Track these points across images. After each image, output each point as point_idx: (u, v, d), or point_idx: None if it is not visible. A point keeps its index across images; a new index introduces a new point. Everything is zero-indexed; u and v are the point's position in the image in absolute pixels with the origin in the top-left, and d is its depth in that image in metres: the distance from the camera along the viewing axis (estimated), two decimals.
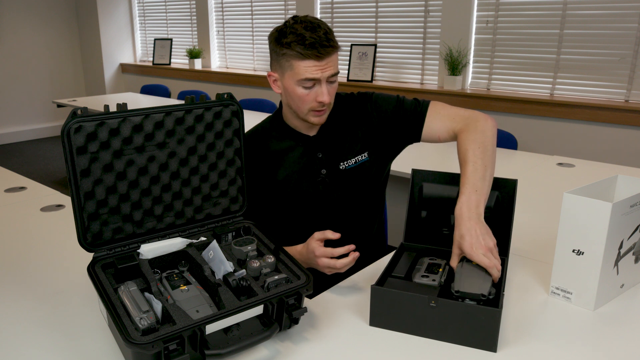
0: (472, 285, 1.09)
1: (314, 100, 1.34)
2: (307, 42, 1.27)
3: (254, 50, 5.21)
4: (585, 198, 1.12)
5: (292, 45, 1.28)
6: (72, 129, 1.03)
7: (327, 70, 1.31)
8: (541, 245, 1.49)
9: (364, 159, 1.48)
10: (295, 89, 1.33)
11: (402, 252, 1.31)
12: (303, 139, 1.46)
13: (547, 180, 2.18)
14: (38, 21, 6.21)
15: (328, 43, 1.29)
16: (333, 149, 1.47)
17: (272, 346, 1.05)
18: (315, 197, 1.47)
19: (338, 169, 1.46)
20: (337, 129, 1.47)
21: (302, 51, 1.27)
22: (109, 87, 6.44)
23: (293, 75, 1.31)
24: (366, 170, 1.49)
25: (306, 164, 1.46)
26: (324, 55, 1.29)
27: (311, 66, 1.29)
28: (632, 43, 3.08)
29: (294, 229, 1.50)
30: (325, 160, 1.46)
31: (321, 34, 1.28)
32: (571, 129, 3.32)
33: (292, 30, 1.29)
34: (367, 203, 1.54)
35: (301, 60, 1.29)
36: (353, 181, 1.48)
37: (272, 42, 1.34)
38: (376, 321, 1.10)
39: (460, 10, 3.69)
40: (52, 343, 1.06)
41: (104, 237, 1.12)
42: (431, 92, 3.84)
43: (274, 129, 1.48)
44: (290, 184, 1.45)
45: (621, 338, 1.07)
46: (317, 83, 1.32)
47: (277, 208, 1.49)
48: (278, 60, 1.33)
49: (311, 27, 1.28)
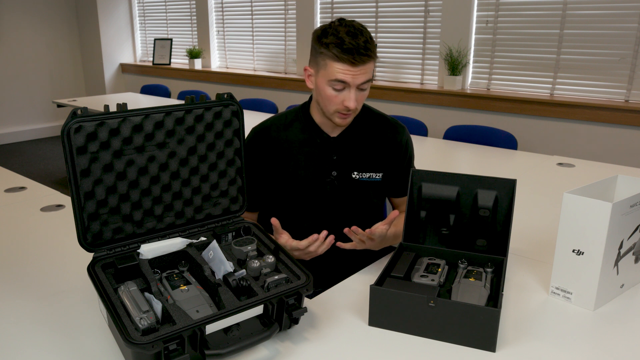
0: (471, 299, 1.10)
1: (341, 103, 1.37)
2: (344, 46, 1.30)
3: (254, 50, 5.21)
4: (585, 198, 1.12)
5: (330, 47, 1.32)
6: (72, 129, 1.03)
7: (359, 77, 1.34)
8: (541, 245, 1.49)
9: (377, 178, 1.52)
10: (325, 88, 1.36)
11: (401, 252, 1.31)
12: (323, 137, 1.49)
13: (547, 180, 2.18)
14: (38, 21, 6.21)
15: (365, 52, 1.31)
16: (349, 156, 1.50)
17: (272, 346, 1.05)
18: (322, 196, 1.49)
19: (350, 176, 1.49)
20: (360, 140, 1.51)
21: (338, 54, 1.31)
22: (109, 87, 6.44)
23: (326, 74, 1.35)
24: (375, 188, 1.54)
25: (319, 162, 1.48)
26: (358, 62, 1.32)
27: (344, 69, 1.32)
28: (632, 43, 3.08)
29: (293, 224, 1.51)
30: (339, 163, 1.49)
31: (361, 41, 1.31)
32: (571, 129, 3.32)
33: (334, 32, 1.32)
34: (369, 213, 1.57)
35: (336, 62, 1.32)
36: (360, 192, 1.51)
37: (314, 39, 1.38)
38: (375, 321, 1.11)
39: (460, 10, 3.69)
40: (52, 343, 1.06)
41: (104, 237, 1.12)
42: (431, 92, 3.84)
43: (298, 120, 1.51)
44: (298, 175, 1.48)
45: (621, 338, 1.07)
46: (347, 87, 1.35)
47: (280, 198, 1.51)
48: (316, 57, 1.37)
49: (353, 32, 1.31)
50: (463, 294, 1.12)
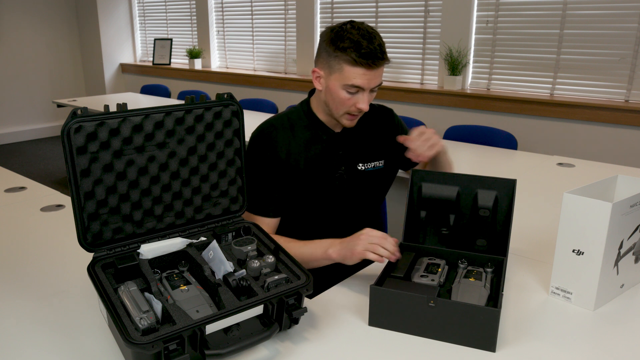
0: (471, 300, 1.10)
1: (354, 105, 1.38)
2: (362, 50, 1.30)
3: (254, 50, 5.21)
4: (585, 198, 1.12)
5: (347, 51, 1.31)
6: (72, 129, 1.03)
7: (374, 80, 1.35)
8: (541, 245, 1.49)
9: (380, 165, 1.55)
10: (339, 92, 1.36)
11: (401, 252, 1.31)
12: (328, 133, 1.50)
13: (547, 180, 2.18)
14: (38, 21, 6.21)
15: (382, 55, 1.33)
16: (354, 149, 1.52)
17: (272, 346, 1.05)
18: (332, 191, 1.50)
19: (356, 168, 1.51)
20: (361, 132, 1.53)
21: (356, 58, 1.30)
22: (109, 87, 6.44)
23: (341, 78, 1.34)
24: (380, 176, 1.56)
25: (327, 158, 1.49)
26: (375, 66, 1.32)
27: (361, 74, 1.32)
28: (632, 43, 3.08)
29: (306, 222, 1.53)
30: (345, 158, 1.51)
31: (376, 45, 1.32)
32: (571, 129, 3.32)
33: (349, 35, 1.31)
34: (373, 205, 1.61)
35: (353, 66, 1.32)
36: (367, 183, 1.54)
37: (326, 42, 1.36)
38: (375, 321, 1.11)
39: (460, 10, 3.69)
40: (52, 343, 1.06)
41: (104, 237, 1.12)
42: (431, 92, 3.84)
43: (301, 119, 1.51)
44: (311, 173, 1.48)
45: (621, 338, 1.07)
46: (361, 91, 1.36)
47: (295, 198, 1.51)
48: (328, 60, 1.36)
49: (368, 36, 1.32)
50: (463, 294, 1.12)
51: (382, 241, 1.21)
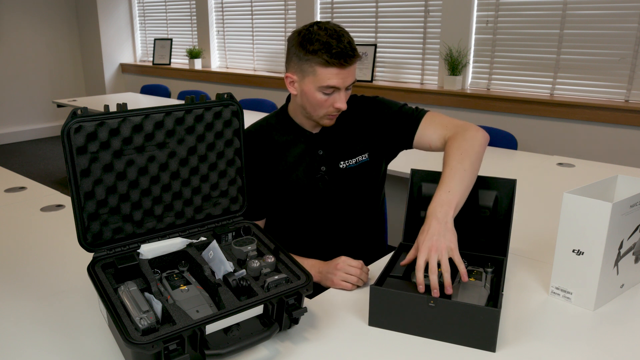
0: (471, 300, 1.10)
1: (331, 105, 1.37)
2: (333, 50, 1.29)
3: (254, 50, 5.21)
4: (585, 198, 1.12)
5: (318, 53, 1.30)
6: (72, 129, 1.03)
7: (348, 79, 1.34)
8: (541, 245, 1.49)
9: (364, 159, 1.50)
10: (315, 94, 1.35)
11: (402, 251, 1.31)
12: (306, 135, 1.48)
13: (547, 180, 2.18)
14: (38, 21, 6.21)
15: (353, 53, 1.32)
16: (334, 148, 1.49)
17: (272, 346, 1.05)
18: (315, 194, 1.48)
19: (338, 167, 1.48)
20: (340, 129, 1.49)
21: (328, 59, 1.30)
22: (109, 87, 6.44)
23: (315, 81, 1.33)
24: (365, 171, 1.51)
25: (307, 160, 1.47)
26: (347, 64, 1.32)
27: (335, 74, 1.31)
28: (632, 43, 3.08)
29: (292, 227, 1.52)
30: (326, 157, 1.48)
31: (346, 43, 1.31)
32: (571, 129, 3.32)
33: (317, 37, 1.30)
34: (365, 203, 1.56)
35: (325, 67, 1.31)
36: (352, 180, 1.50)
37: (295, 46, 1.34)
38: (375, 321, 1.11)
39: (460, 10, 3.69)
40: (52, 343, 1.06)
41: (104, 237, 1.12)
42: (431, 92, 3.84)
43: (278, 123, 1.50)
44: (291, 177, 1.47)
45: (621, 338, 1.07)
46: (336, 90, 1.35)
47: (277, 203, 1.50)
48: (300, 64, 1.34)
49: (336, 36, 1.31)
50: (463, 294, 1.12)
51: (357, 272, 1.27)
